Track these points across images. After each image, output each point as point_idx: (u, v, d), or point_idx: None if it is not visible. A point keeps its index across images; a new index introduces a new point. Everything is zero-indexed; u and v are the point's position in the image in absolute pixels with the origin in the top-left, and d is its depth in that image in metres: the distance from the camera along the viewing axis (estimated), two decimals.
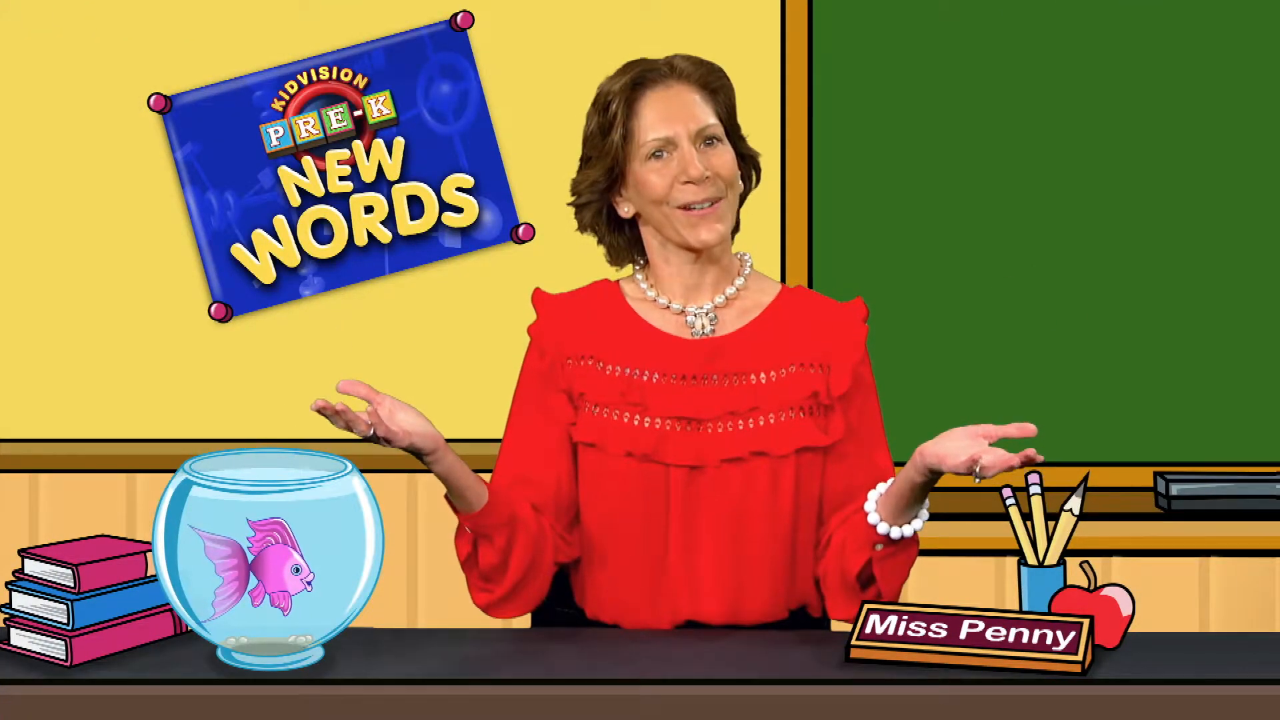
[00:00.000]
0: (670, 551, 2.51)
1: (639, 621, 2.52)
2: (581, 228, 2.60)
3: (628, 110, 2.52)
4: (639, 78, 2.53)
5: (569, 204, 2.59)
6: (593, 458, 2.53)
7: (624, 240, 2.60)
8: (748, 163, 2.59)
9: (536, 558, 2.51)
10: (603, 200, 2.56)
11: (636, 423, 2.51)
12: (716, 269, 2.56)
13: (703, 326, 2.55)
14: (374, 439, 2.40)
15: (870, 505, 2.46)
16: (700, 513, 2.50)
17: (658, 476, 2.50)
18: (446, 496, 2.48)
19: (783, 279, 3.66)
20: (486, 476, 2.54)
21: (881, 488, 2.47)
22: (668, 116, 2.51)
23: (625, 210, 2.56)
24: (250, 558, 2.19)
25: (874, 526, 2.45)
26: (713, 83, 2.55)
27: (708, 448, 2.50)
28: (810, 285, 3.65)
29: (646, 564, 2.51)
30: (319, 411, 2.34)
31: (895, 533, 2.45)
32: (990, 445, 2.39)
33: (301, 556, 2.20)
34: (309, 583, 2.20)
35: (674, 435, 2.50)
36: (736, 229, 2.61)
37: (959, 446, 2.38)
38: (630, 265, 2.62)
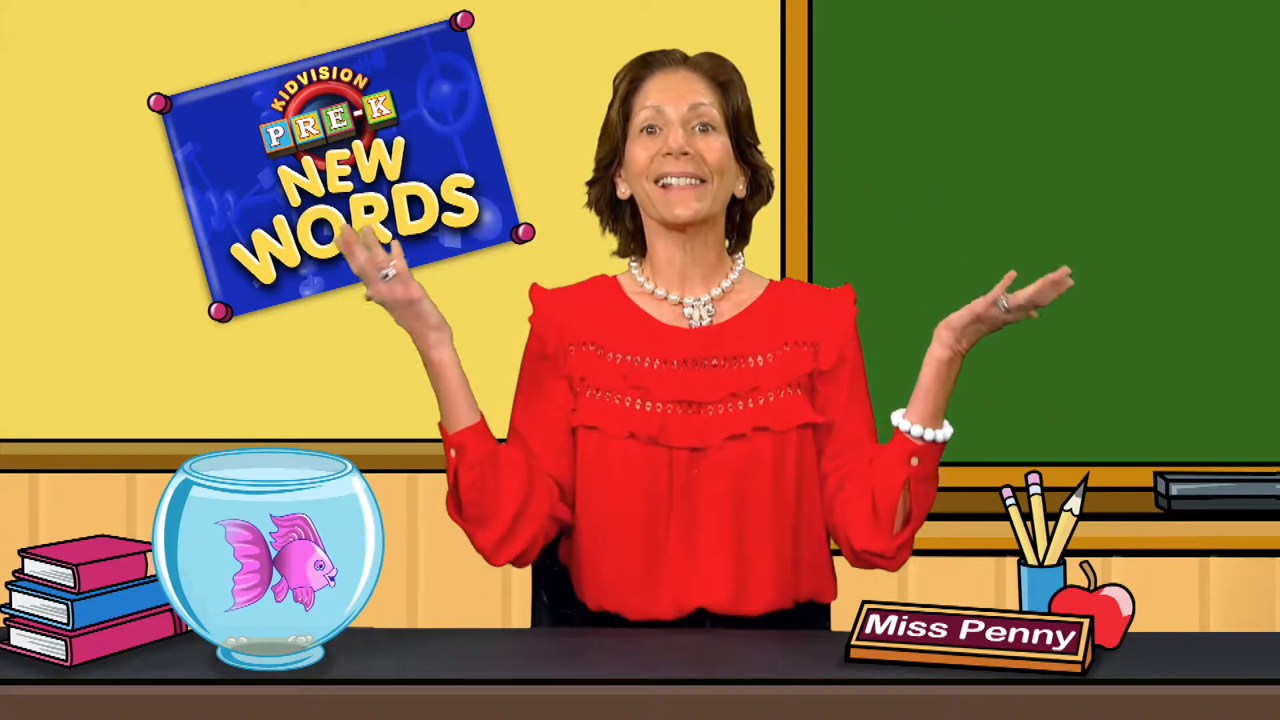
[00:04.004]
0: (672, 535, 2.52)
1: (641, 608, 2.52)
2: (589, 204, 2.64)
3: (630, 88, 2.57)
4: (650, 59, 2.58)
5: (586, 182, 2.63)
6: (594, 441, 2.54)
7: (625, 229, 2.63)
8: (760, 174, 2.60)
9: (529, 497, 2.50)
10: (606, 177, 2.59)
11: (639, 406, 2.52)
12: (707, 261, 2.58)
13: (700, 318, 2.57)
14: (383, 284, 2.42)
15: (897, 420, 2.47)
16: (703, 494, 2.51)
17: (660, 459, 2.51)
18: (440, 425, 2.48)
19: (783, 276, 3.65)
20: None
21: (900, 411, 2.48)
22: (663, 91, 2.55)
23: (622, 190, 2.60)
24: (273, 553, 2.19)
25: (906, 435, 2.46)
26: (722, 77, 2.57)
27: (710, 428, 2.52)
28: (810, 281, 3.65)
29: (648, 548, 2.52)
30: (343, 242, 2.38)
31: (929, 434, 2.45)
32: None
33: (325, 552, 2.20)
34: (332, 578, 2.21)
35: (676, 418, 2.52)
36: (746, 240, 2.64)
37: (970, 306, 2.43)
38: (628, 260, 2.64)
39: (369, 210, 3.69)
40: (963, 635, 2.28)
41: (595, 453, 2.54)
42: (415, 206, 3.71)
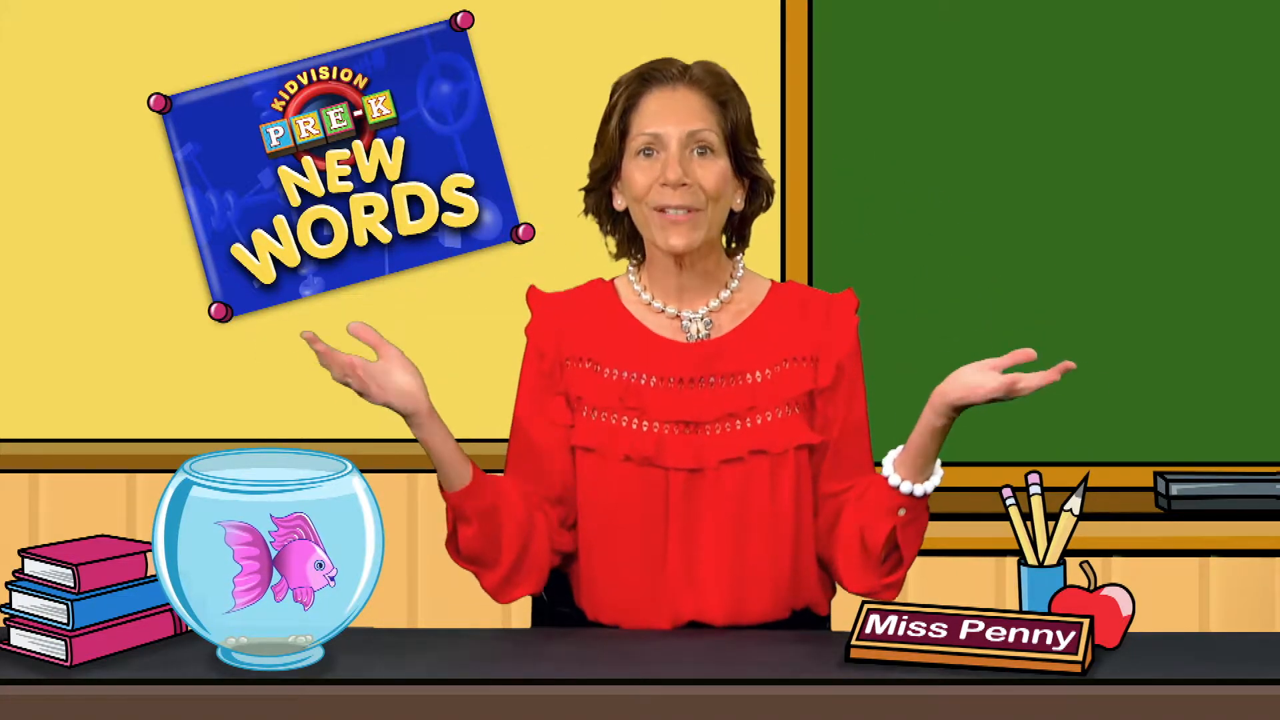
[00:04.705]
0: (670, 554, 2.51)
1: (639, 624, 2.52)
2: (585, 211, 2.61)
3: (628, 104, 2.52)
4: (649, 74, 2.53)
5: (580, 189, 2.60)
6: (591, 462, 2.53)
7: (623, 234, 2.60)
8: (759, 183, 2.57)
9: (528, 544, 2.52)
10: (603, 188, 2.57)
11: (635, 426, 2.51)
12: (705, 273, 2.55)
13: (698, 332, 2.55)
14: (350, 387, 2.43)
15: (889, 469, 2.48)
16: (700, 515, 2.50)
17: (657, 480, 2.50)
18: (438, 482, 2.50)
19: (783, 279, 3.66)
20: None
21: (893, 453, 2.48)
22: (662, 115, 2.50)
23: (619, 202, 2.57)
24: (273, 553, 2.19)
25: (896, 489, 2.46)
26: (722, 95, 2.52)
27: (707, 450, 2.50)
28: (810, 285, 3.65)
29: (647, 567, 2.51)
30: (307, 341, 2.40)
31: (918, 490, 2.46)
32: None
33: (325, 551, 2.20)
34: (332, 578, 2.21)
35: (673, 439, 2.50)
36: (745, 244, 2.60)
37: (982, 377, 2.40)
38: (626, 263, 2.62)
39: (369, 210, 3.69)
40: (963, 635, 2.28)
41: (593, 474, 2.53)
42: (415, 206, 3.71)
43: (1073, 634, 2.25)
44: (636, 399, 2.51)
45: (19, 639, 2.32)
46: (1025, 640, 2.25)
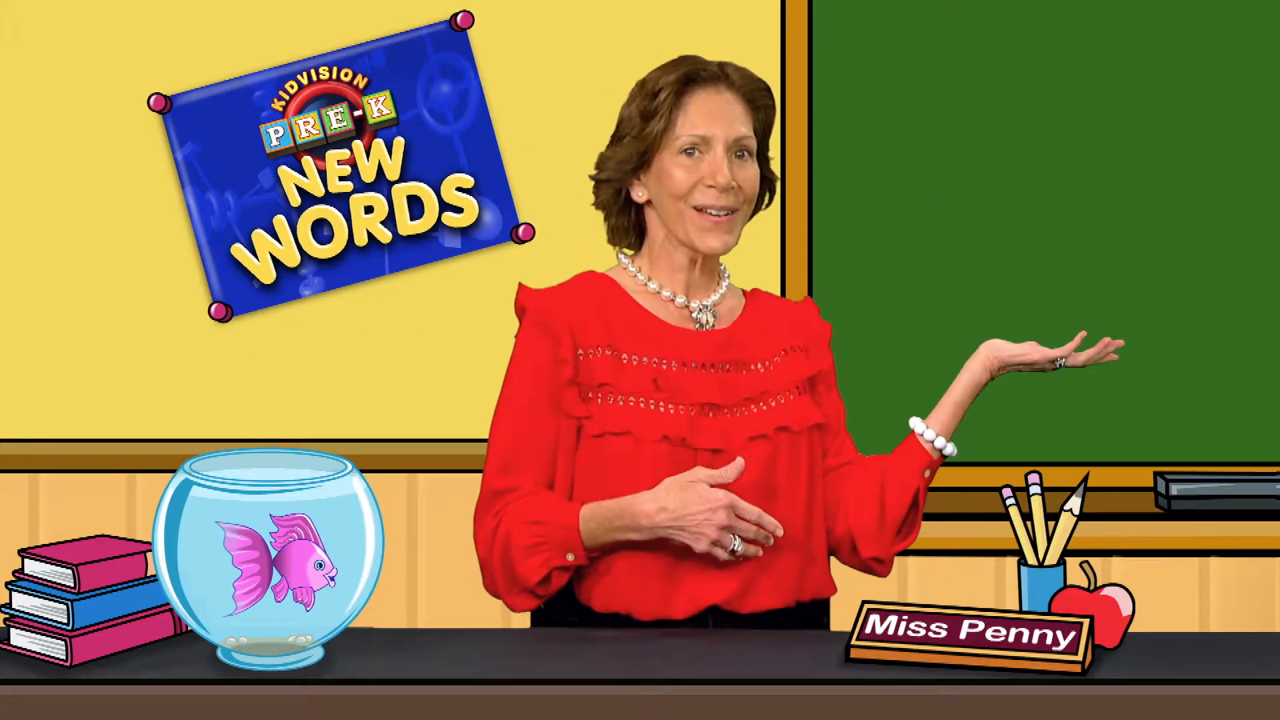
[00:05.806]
0: None
1: (654, 608, 2.52)
2: (596, 203, 2.65)
3: (675, 101, 2.57)
4: (693, 74, 2.58)
5: (590, 176, 2.63)
6: (623, 445, 2.53)
7: (629, 223, 2.65)
8: (766, 184, 2.65)
9: None
10: (624, 180, 2.60)
11: (665, 409, 2.54)
12: (710, 270, 2.64)
13: (707, 320, 2.61)
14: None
15: (921, 427, 2.61)
16: None
17: (687, 460, 2.53)
18: (585, 539, 2.51)
19: (783, 283, 3.67)
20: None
21: (918, 420, 2.61)
22: (711, 117, 2.56)
23: (639, 195, 2.61)
24: (273, 553, 2.19)
25: (929, 445, 2.60)
26: (758, 99, 2.61)
27: (732, 430, 2.56)
28: (810, 291, 3.65)
29: (670, 547, 2.51)
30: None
31: (949, 449, 2.61)
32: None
33: (325, 551, 2.20)
34: (332, 578, 2.21)
35: (702, 420, 2.55)
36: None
37: (1029, 347, 2.66)
38: (616, 256, 2.66)
39: (369, 210, 3.69)
40: (963, 635, 2.28)
41: (625, 457, 2.53)
42: (415, 206, 3.71)
43: (1073, 634, 2.25)
44: (668, 383, 2.55)
45: (19, 639, 2.32)
46: (1025, 640, 2.25)
